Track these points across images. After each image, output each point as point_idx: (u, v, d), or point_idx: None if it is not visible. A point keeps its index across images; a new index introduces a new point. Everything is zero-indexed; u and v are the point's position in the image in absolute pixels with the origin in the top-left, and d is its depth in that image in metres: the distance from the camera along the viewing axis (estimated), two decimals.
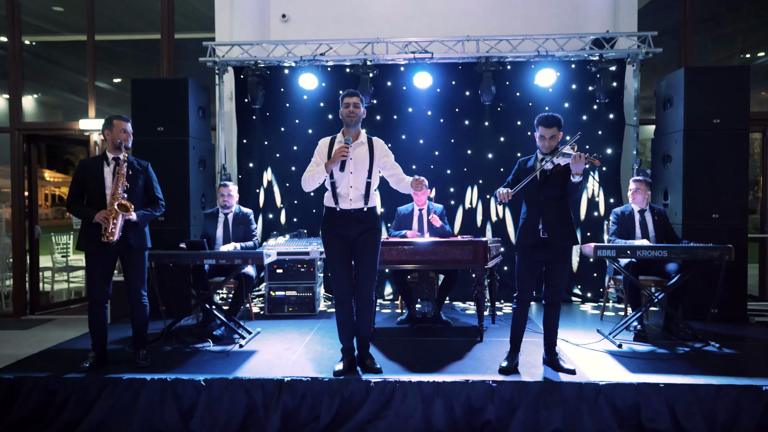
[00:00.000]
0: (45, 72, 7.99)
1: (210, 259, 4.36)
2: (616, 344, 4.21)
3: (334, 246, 3.63)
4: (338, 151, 3.46)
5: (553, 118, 3.58)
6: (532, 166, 3.67)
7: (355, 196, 3.60)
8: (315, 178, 3.57)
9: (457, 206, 6.31)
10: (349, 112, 3.60)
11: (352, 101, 3.61)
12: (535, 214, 3.61)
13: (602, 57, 5.93)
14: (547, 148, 3.59)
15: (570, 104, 6.20)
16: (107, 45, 7.58)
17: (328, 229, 3.66)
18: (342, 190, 3.60)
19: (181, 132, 5.52)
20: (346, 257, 3.64)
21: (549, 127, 3.56)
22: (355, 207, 3.61)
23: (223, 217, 5.05)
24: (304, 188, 3.65)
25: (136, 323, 3.92)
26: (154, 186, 4.02)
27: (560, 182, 3.58)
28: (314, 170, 3.58)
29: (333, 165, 3.50)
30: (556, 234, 3.57)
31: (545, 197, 3.59)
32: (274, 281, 5.50)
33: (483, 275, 4.45)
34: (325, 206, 3.71)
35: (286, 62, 6.31)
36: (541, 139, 3.60)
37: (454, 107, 6.32)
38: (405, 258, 4.45)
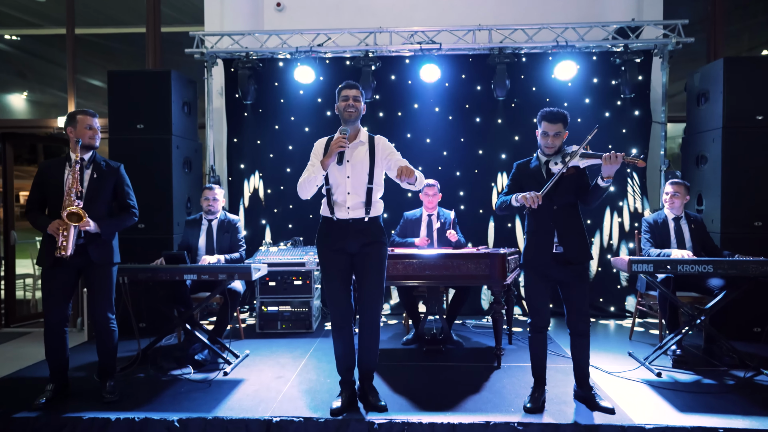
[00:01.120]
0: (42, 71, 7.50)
1: (191, 275, 3.84)
2: (655, 372, 3.68)
3: (331, 262, 3.10)
4: (335, 142, 2.96)
5: (558, 113, 3.07)
6: (536, 167, 3.14)
7: (353, 203, 3.08)
8: (311, 181, 3.05)
9: (467, 212, 5.78)
10: (347, 107, 3.09)
11: (351, 94, 3.10)
12: (548, 226, 3.08)
13: (627, 47, 5.39)
14: (550, 147, 3.08)
15: (591, 100, 5.67)
16: (100, 40, 7.15)
17: (323, 242, 3.14)
18: (339, 197, 3.09)
19: (163, 130, 4.99)
20: (345, 275, 3.11)
21: (554, 123, 3.05)
22: (354, 216, 3.08)
23: (206, 225, 4.52)
24: (300, 195, 3.12)
25: (101, 352, 3.38)
26: (125, 191, 3.48)
27: (573, 187, 3.08)
28: (309, 172, 3.07)
29: (330, 160, 2.99)
30: (573, 248, 3.06)
31: (559, 205, 3.06)
32: (266, 295, 4.97)
33: (501, 292, 3.92)
34: (321, 215, 3.18)
35: (280, 54, 5.78)
36: (544, 137, 3.09)
37: (464, 103, 5.80)
38: (412, 273, 3.91)
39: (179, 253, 3.97)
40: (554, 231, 3.06)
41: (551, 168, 3.05)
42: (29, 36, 7.25)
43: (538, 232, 3.11)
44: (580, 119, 5.66)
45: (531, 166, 3.17)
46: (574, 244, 3.05)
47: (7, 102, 7.55)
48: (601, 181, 2.93)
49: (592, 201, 3.05)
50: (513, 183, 3.23)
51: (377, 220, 3.18)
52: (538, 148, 3.17)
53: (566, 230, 3.06)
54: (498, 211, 3.26)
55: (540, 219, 3.09)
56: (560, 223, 3.06)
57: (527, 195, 2.95)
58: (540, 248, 3.09)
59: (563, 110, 3.07)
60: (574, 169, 3.01)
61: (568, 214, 3.08)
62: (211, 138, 5.89)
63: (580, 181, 3.08)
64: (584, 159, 2.97)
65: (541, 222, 3.09)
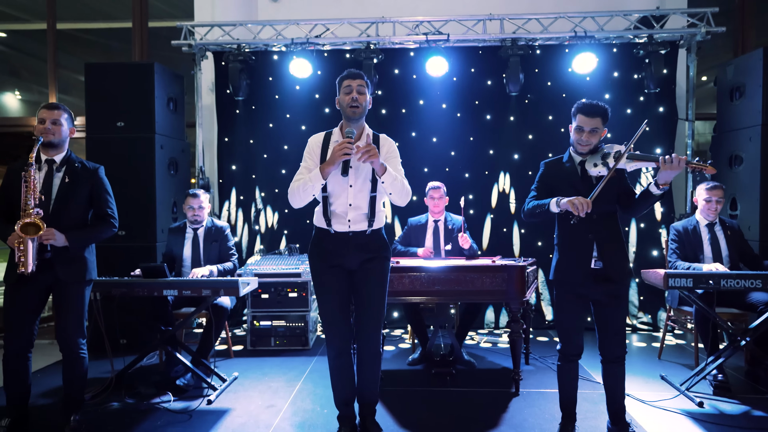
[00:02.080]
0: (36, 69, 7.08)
1: (171, 290, 3.41)
2: (696, 402, 3.24)
3: (327, 280, 2.66)
4: (339, 147, 2.46)
5: (598, 106, 2.61)
6: (571, 168, 2.70)
7: (355, 216, 2.64)
8: (306, 189, 2.56)
9: (477, 217, 5.34)
10: (351, 101, 2.59)
11: (355, 84, 2.61)
12: (585, 238, 2.63)
13: (652, 38, 4.96)
14: (584, 144, 2.63)
15: (611, 95, 5.23)
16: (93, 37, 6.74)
17: (318, 257, 2.70)
18: (338, 208, 2.64)
19: (145, 128, 4.56)
20: (343, 295, 2.68)
21: (591, 117, 2.59)
22: (355, 230, 2.65)
23: (191, 233, 4.09)
24: (292, 203, 2.66)
25: (67, 381, 2.94)
26: (102, 197, 3.04)
27: (613, 193, 2.63)
28: (305, 178, 2.58)
29: (332, 168, 2.52)
30: (613, 263, 2.61)
31: (599, 214, 2.62)
32: (258, 309, 4.54)
33: (519, 310, 3.49)
34: (315, 226, 2.75)
35: (275, 46, 5.35)
36: (578, 132, 2.63)
37: (474, 99, 5.36)
38: (420, 288, 3.48)
39: (158, 265, 3.54)
40: (593, 244, 2.62)
41: (588, 170, 2.61)
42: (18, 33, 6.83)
43: (573, 245, 2.67)
44: None
45: (564, 166, 2.72)
46: (615, 259, 2.61)
47: None
48: (655, 188, 2.48)
49: (639, 210, 2.61)
50: (541, 185, 2.78)
51: (380, 233, 2.74)
52: (570, 145, 2.73)
53: (606, 243, 2.62)
54: (526, 217, 2.80)
55: (576, 229, 2.63)
56: (600, 235, 2.62)
57: (575, 200, 2.48)
58: (575, 263, 2.64)
59: (604, 105, 2.62)
60: (615, 172, 2.57)
61: (608, 224, 2.64)
62: (200, 137, 5.46)
63: (624, 187, 2.65)
64: (634, 161, 2.52)
65: (577, 233, 2.64)
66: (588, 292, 2.64)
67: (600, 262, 2.59)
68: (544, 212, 2.66)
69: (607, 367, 2.72)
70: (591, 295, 2.65)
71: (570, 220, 2.52)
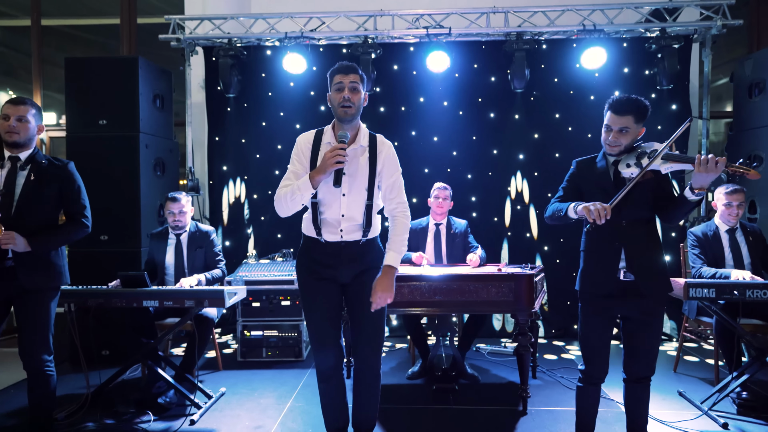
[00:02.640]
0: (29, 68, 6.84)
1: (151, 300, 3.16)
2: (720, 423, 2.98)
3: (316, 294, 2.40)
4: (330, 155, 2.19)
5: (629, 102, 2.31)
6: (603, 169, 2.43)
7: (348, 227, 2.38)
8: (294, 198, 2.27)
9: (480, 220, 5.08)
10: (343, 101, 2.30)
11: (347, 81, 2.31)
12: (612, 246, 2.37)
13: (665, 32, 4.70)
14: (612, 145, 2.35)
15: (621, 92, 4.97)
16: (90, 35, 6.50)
17: (306, 269, 2.43)
18: (329, 216, 2.37)
19: (129, 126, 4.31)
20: (334, 311, 2.42)
21: (620, 115, 2.31)
22: (348, 239, 2.39)
23: (174, 239, 3.83)
24: (278, 211, 2.37)
25: (33, 402, 2.69)
26: (73, 194, 2.79)
27: (649, 197, 2.35)
28: (293, 185, 2.29)
29: (323, 177, 2.24)
30: (647, 276, 2.34)
31: (629, 220, 2.36)
32: (249, 318, 4.28)
33: (527, 322, 3.23)
34: (303, 235, 2.49)
35: (268, 40, 5.09)
36: (606, 131, 2.36)
37: (477, 96, 5.11)
38: (420, 299, 3.22)
39: (138, 273, 3.28)
40: (620, 253, 2.35)
41: (621, 171, 2.34)
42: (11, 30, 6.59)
43: (598, 254, 2.40)
44: None
45: (596, 167, 2.45)
46: (649, 271, 2.34)
47: None
48: (690, 193, 2.20)
49: (677, 217, 2.33)
50: (569, 186, 2.52)
51: (376, 242, 2.48)
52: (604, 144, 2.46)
53: (638, 252, 2.34)
54: (548, 220, 2.54)
55: (602, 237, 2.37)
56: (630, 244, 2.34)
57: (591, 206, 2.21)
58: (602, 275, 2.38)
59: (642, 100, 2.33)
60: (652, 173, 2.30)
61: (642, 231, 2.37)
62: (189, 136, 5.21)
63: (661, 190, 2.35)
64: (668, 162, 2.24)
65: (603, 241, 2.38)
66: (616, 308, 2.38)
67: (630, 274, 2.33)
68: (562, 217, 2.40)
69: (630, 387, 2.47)
70: (620, 311, 2.39)
71: (589, 227, 2.26)
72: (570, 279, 5.06)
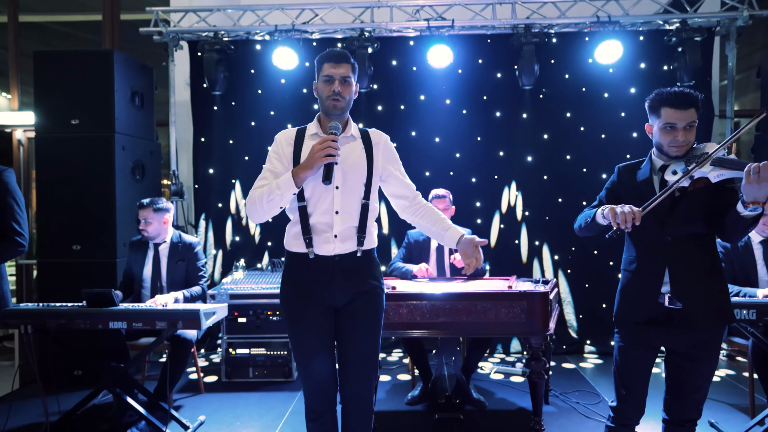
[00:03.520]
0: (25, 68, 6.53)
1: (118, 321, 2.81)
2: None
3: (305, 323, 2.05)
4: (320, 146, 1.90)
5: (690, 94, 1.96)
6: (647, 176, 2.07)
7: (343, 229, 2.03)
8: (272, 199, 1.95)
9: (485, 227, 4.73)
10: (333, 95, 2.02)
11: (338, 72, 2.02)
12: (655, 266, 2.01)
13: (686, 23, 4.35)
14: (681, 146, 1.96)
15: (637, 89, 4.62)
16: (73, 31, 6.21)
17: (292, 294, 2.08)
18: (321, 218, 2.02)
19: (103, 126, 3.96)
20: (326, 341, 2.07)
21: (684, 109, 1.94)
22: (343, 251, 2.03)
23: (152, 250, 3.48)
24: (251, 216, 2.07)
25: None
26: (6, 207, 2.46)
27: (698, 211, 1.98)
28: (271, 184, 1.98)
29: (310, 173, 1.93)
30: (698, 303, 1.96)
31: (675, 236, 1.99)
32: (234, 335, 3.93)
33: (541, 345, 2.87)
34: (287, 251, 2.13)
35: (257, 34, 4.74)
36: (667, 132, 1.96)
37: (482, 93, 4.76)
38: (420, 320, 2.86)
39: (104, 291, 2.93)
40: (664, 274, 1.98)
41: (667, 178, 1.98)
42: None
43: (640, 275, 2.04)
44: (623, 113, 4.64)
45: (639, 173, 2.10)
46: (700, 298, 1.96)
47: None
48: (741, 207, 1.81)
49: (734, 235, 1.94)
50: (609, 194, 2.17)
51: (372, 256, 2.13)
52: (656, 147, 2.05)
53: (687, 275, 1.97)
54: (579, 232, 2.18)
55: (644, 255, 2.02)
56: (676, 264, 1.97)
57: (618, 209, 1.85)
58: (642, 299, 2.02)
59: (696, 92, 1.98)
60: (704, 182, 1.92)
61: (692, 250, 1.99)
62: (173, 137, 4.86)
63: (718, 202, 1.96)
64: (719, 169, 1.85)
65: (645, 260, 2.02)
66: (660, 338, 2.02)
67: (678, 300, 1.96)
68: (591, 225, 2.04)
69: (671, 430, 2.11)
70: (664, 343, 2.03)
71: (611, 234, 1.88)
72: (582, 290, 4.77)
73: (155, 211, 3.36)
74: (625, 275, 2.11)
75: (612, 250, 4.45)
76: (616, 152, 4.51)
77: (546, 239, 4.72)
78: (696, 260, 1.99)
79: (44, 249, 3.93)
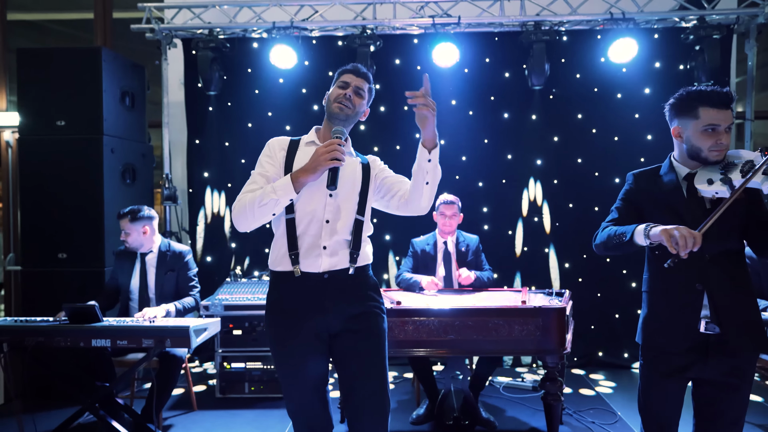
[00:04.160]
0: None
1: (101, 339, 2.61)
2: None
3: (293, 352, 1.86)
4: (326, 149, 1.76)
5: (727, 93, 1.76)
6: (672, 182, 1.86)
7: (333, 243, 1.85)
8: (265, 203, 1.77)
9: (492, 234, 4.52)
10: (342, 97, 1.90)
11: (355, 83, 1.93)
12: (691, 288, 1.79)
13: (704, 21, 4.14)
14: (720, 151, 1.77)
15: (652, 89, 4.42)
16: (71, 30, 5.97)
17: (278, 318, 1.89)
18: (309, 229, 1.85)
19: (91, 128, 3.76)
20: (318, 372, 1.88)
21: (725, 108, 1.75)
22: (333, 267, 1.84)
23: (139, 261, 3.27)
24: (237, 224, 1.89)
25: None
26: None
27: (735, 224, 1.79)
28: (265, 189, 1.79)
29: (312, 177, 1.76)
30: (738, 326, 1.76)
31: (714, 253, 1.78)
32: (229, 348, 3.72)
33: (557, 365, 2.67)
34: (271, 272, 1.93)
35: (254, 31, 4.53)
36: (709, 134, 1.75)
37: (489, 94, 4.55)
38: (427, 338, 2.66)
39: (86, 306, 2.73)
40: (703, 297, 1.78)
41: (699, 188, 1.77)
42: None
43: (673, 299, 1.83)
44: (637, 115, 4.44)
45: (662, 181, 1.89)
46: (740, 321, 1.76)
47: None
48: None
49: None
50: (626, 205, 1.94)
51: (367, 273, 1.94)
52: (688, 152, 1.83)
53: (726, 296, 1.77)
54: (599, 250, 1.92)
55: (679, 277, 1.80)
56: (715, 284, 1.77)
57: (675, 231, 1.60)
58: (679, 327, 1.80)
59: None
60: (744, 193, 1.71)
61: (730, 268, 1.79)
62: (166, 139, 4.65)
63: (754, 214, 1.79)
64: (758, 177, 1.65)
65: (679, 279, 1.80)
66: (692, 367, 1.81)
67: (714, 324, 1.76)
68: (624, 244, 1.77)
69: None
70: (697, 373, 1.82)
71: (665, 263, 1.67)
72: (594, 300, 4.56)
73: (132, 221, 3.17)
74: (653, 298, 1.89)
75: (624, 258, 4.24)
76: (630, 156, 4.32)
77: (556, 246, 4.51)
78: (733, 279, 1.80)
79: (28, 257, 3.73)
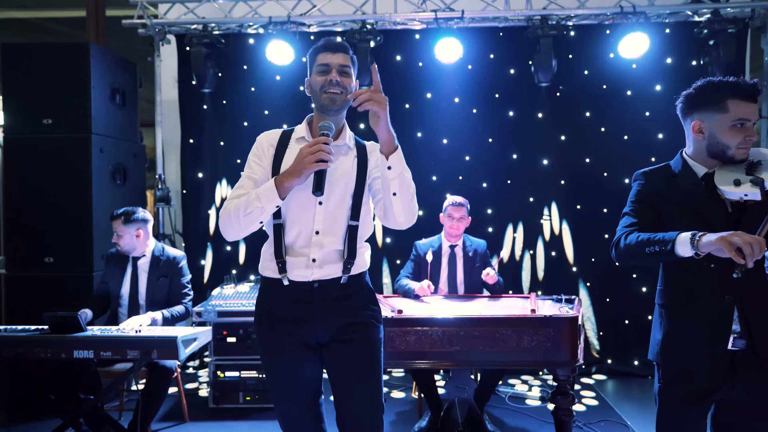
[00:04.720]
0: None
1: (84, 350, 2.46)
2: None
3: (281, 363, 1.73)
4: (310, 149, 1.58)
5: (757, 87, 1.63)
6: (692, 180, 1.70)
7: (324, 254, 1.71)
8: (250, 212, 1.62)
9: (497, 237, 4.36)
10: (327, 84, 1.70)
11: (335, 61, 1.72)
12: (722, 301, 1.62)
13: (718, 14, 3.98)
14: (747, 148, 1.65)
15: (663, 87, 4.26)
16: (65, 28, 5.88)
17: (266, 326, 1.77)
18: (298, 239, 1.71)
19: (79, 126, 3.61)
20: (310, 391, 1.74)
21: (755, 102, 1.64)
22: (323, 276, 1.70)
23: (131, 265, 3.12)
24: (225, 233, 1.73)
25: None
26: None
27: None
28: (249, 195, 1.64)
29: (297, 181, 1.60)
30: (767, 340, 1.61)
31: None
32: (222, 356, 3.56)
33: (569, 378, 2.51)
34: (261, 277, 1.80)
35: (250, 26, 4.38)
36: (738, 130, 1.62)
37: (493, 91, 4.40)
38: (430, 349, 2.50)
39: (68, 315, 2.57)
40: (733, 311, 1.62)
41: (722, 188, 1.61)
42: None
43: (696, 312, 1.66)
44: (648, 112, 4.28)
45: (678, 180, 1.73)
46: None
47: None
48: None
49: None
50: (643, 209, 1.76)
51: (363, 281, 1.79)
52: (710, 149, 1.68)
53: (755, 309, 1.61)
54: (623, 259, 1.70)
55: (704, 286, 1.64)
56: (747, 296, 1.61)
57: (736, 239, 1.40)
58: (707, 345, 1.63)
59: None
60: None
61: (757, 277, 1.64)
62: (159, 138, 4.50)
63: None
64: None
65: (707, 294, 1.64)
66: (718, 390, 1.64)
67: (743, 340, 1.59)
68: (663, 254, 1.56)
69: None
70: (724, 394, 1.65)
71: (733, 273, 1.48)
72: (603, 305, 4.40)
73: (125, 223, 3.01)
74: (673, 314, 1.71)
75: None
76: (640, 155, 4.16)
77: (563, 248, 4.35)
78: (761, 288, 1.65)
79: (13, 262, 3.58)
